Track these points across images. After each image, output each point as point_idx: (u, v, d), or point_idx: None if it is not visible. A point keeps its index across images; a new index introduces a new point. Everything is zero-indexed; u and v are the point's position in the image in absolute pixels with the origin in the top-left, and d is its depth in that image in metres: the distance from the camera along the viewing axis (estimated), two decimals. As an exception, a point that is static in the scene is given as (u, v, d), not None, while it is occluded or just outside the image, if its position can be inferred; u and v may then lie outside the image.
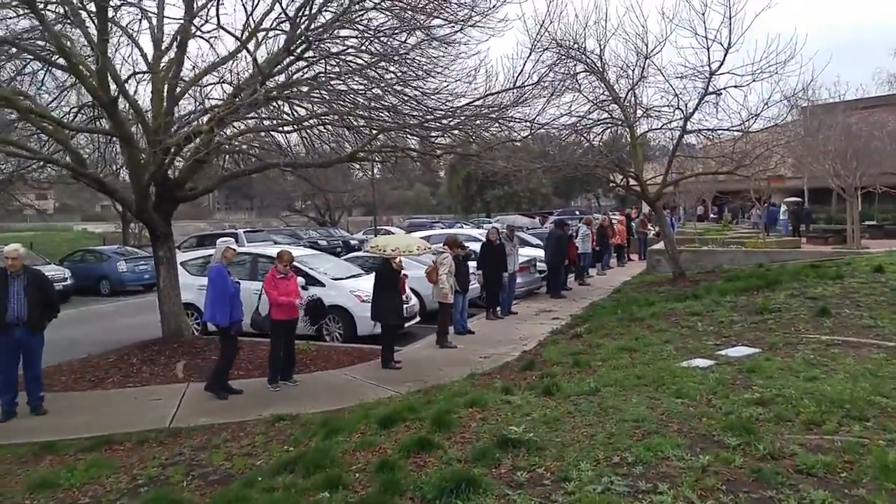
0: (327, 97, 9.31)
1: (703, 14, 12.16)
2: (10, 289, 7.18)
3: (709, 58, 12.53)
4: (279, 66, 9.38)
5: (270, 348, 8.42)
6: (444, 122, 9.60)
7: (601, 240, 18.60)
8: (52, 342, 8.07)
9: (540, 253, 15.92)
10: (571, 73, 12.92)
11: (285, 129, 10.50)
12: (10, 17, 9.40)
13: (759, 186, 21.13)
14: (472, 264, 12.33)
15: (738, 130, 13.19)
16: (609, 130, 14.85)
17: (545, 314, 12.69)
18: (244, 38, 9.29)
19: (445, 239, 11.64)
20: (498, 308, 12.69)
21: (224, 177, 11.43)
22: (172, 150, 9.18)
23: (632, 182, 14.84)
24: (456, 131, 10.10)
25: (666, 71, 13.17)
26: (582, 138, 14.12)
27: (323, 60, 8.88)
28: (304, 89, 9.52)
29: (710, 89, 12.84)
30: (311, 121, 10.06)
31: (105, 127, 10.13)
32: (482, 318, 12.48)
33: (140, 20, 9.54)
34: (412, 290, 12.07)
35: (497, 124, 10.07)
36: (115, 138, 10.27)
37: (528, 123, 9.97)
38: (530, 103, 10.18)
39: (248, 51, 8.31)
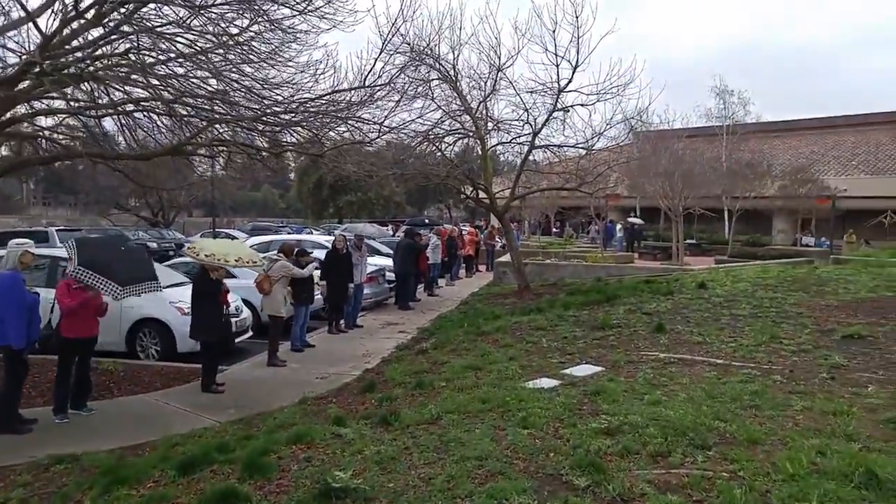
0: (149, 80, 8.00)
1: (554, 32, 12.35)
2: None
3: (558, 75, 12.77)
4: (86, 39, 7.90)
5: (58, 371, 6.97)
6: (286, 117, 8.67)
7: (450, 250, 18.47)
8: None
9: (390, 262, 15.36)
10: (425, 79, 12.55)
11: (94, 113, 8.95)
12: None
13: (598, 203, 22.33)
14: (317, 273, 11.43)
15: (582, 148, 13.59)
16: (461, 141, 14.69)
17: (392, 327, 12.11)
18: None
19: (280, 246, 10.64)
20: (342, 321, 11.89)
21: (10, 164, 9.52)
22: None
23: (481, 194, 14.78)
24: (300, 128, 9.21)
25: (517, 85, 13.25)
26: (434, 147, 13.79)
27: (135, 35, 7.56)
28: (123, 70, 8.11)
29: (559, 106, 13.09)
30: (126, 106, 8.65)
31: None
32: (324, 332, 11.63)
33: None
34: (245, 300, 10.96)
35: (345, 124, 9.33)
36: None
37: (377, 126, 9.32)
38: (381, 105, 9.58)
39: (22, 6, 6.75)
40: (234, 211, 53.21)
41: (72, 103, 9.08)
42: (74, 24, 7.65)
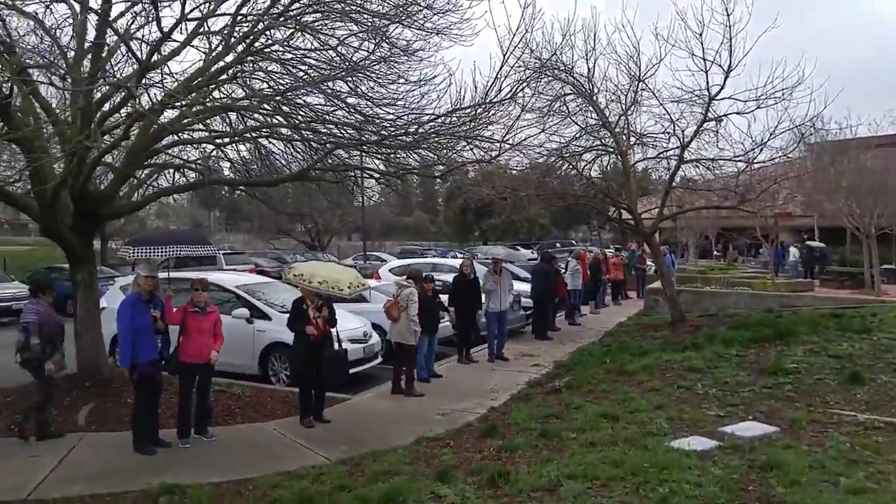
0: (276, 107, 8.04)
1: (701, 34, 10.82)
2: None
3: (707, 81, 11.19)
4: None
5: (179, 396, 7.07)
6: (407, 139, 8.27)
7: (595, 275, 17.13)
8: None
9: (525, 287, 14.39)
10: (558, 94, 11.68)
11: (223, 140, 9.24)
12: None
13: (765, 223, 19.71)
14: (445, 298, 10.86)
15: (740, 160, 11.83)
16: (601, 158, 13.53)
17: (526, 359, 11.16)
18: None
19: (409, 272, 10.16)
20: (472, 350, 11.19)
21: (153, 193, 10.08)
22: (89, 159, 7.82)
23: (625, 214, 13.45)
24: (422, 150, 8.79)
25: (661, 94, 11.86)
26: (569, 165, 12.77)
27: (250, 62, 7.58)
28: (255, 101, 8.21)
29: (710, 115, 11.53)
30: (251, 133, 8.81)
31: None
32: (454, 361, 10.99)
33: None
34: (374, 325, 10.66)
35: (468, 143, 8.76)
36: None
37: (499, 143, 8.61)
38: (504, 123, 8.88)
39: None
40: (385, 235, 55.30)
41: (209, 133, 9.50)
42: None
